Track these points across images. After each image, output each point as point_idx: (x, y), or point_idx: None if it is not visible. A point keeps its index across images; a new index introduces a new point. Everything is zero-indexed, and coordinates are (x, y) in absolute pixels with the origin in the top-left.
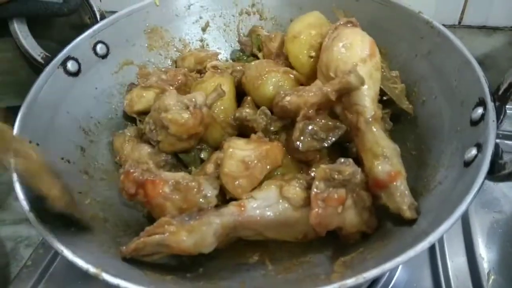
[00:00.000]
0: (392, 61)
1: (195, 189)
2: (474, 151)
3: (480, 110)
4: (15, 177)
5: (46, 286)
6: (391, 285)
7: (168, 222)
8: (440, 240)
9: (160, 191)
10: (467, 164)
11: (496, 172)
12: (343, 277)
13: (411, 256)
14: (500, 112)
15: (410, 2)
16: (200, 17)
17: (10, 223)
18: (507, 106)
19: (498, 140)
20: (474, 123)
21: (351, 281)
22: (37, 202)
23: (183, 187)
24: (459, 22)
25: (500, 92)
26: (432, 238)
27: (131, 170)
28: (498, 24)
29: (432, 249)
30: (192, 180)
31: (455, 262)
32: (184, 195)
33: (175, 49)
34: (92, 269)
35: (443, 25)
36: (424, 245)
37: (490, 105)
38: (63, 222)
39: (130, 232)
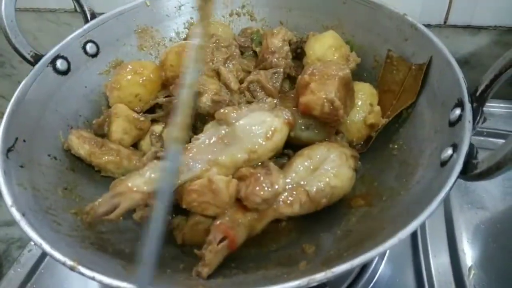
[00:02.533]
0: (378, 62)
1: None
2: (450, 151)
3: (458, 111)
4: None
5: (36, 282)
6: (374, 280)
7: (118, 180)
8: (423, 236)
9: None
10: (443, 164)
11: (468, 172)
12: (314, 272)
13: (381, 252)
14: (477, 113)
15: (396, 2)
16: (191, 18)
17: (2, 225)
18: (492, 104)
19: (482, 138)
20: (452, 123)
21: (320, 276)
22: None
23: None
24: (445, 22)
25: (478, 93)
26: (401, 235)
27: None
28: (483, 23)
29: (415, 244)
30: None
31: (438, 257)
32: None
33: (165, 49)
34: (68, 261)
35: (429, 25)
36: (393, 241)
37: (468, 106)
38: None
39: (113, 229)
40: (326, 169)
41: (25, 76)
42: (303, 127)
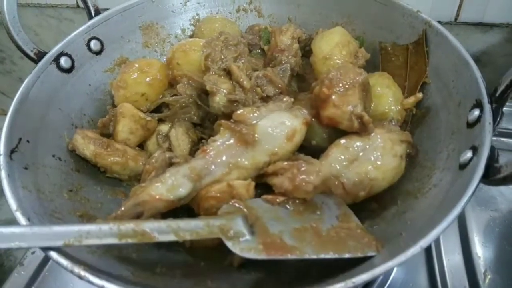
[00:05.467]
0: None
1: None
2: (469, 154)
3: (476, 112)
4: (3, 174)
5: (39, 285)
6: (387, 284)
7: (138, 187)
8: (436, 239)
9: None
10: (462, 167)
11: (491, 176)
12: (334, 281)
13: (402, 261)
14: (496, 114)
15: None
16: (197, 14)
17: (3, 223)
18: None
19: (494, 138)
20: (471, 125)
21: (340, 285)
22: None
23: None
24: (456, 19)
25: (497, 94)
26: (423, 242)
27: None
28: (495, 20)
29: (428, 247)
30: None
31: (451, 260)
32: None
33: (170, 46)
34: (77, 269)
35: (439, 21)
36: (415, 249)
37: (487, 107)
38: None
39: None
40: (366, 160)
41: (25, 73)
42: (324, 135)
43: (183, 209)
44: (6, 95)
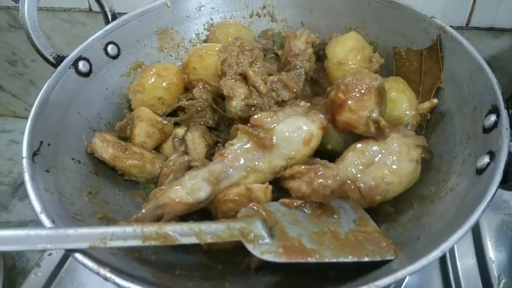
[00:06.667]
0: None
1: None
2: (486, 159)
3: (493, 118)
4: (26, 177)
5: (57, 287)
6: None
7: (158, 190)
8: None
9: None
10: (479, 172)
11: (509, 181)
12: (354, 284)
13: (424, 265)
14: None
15: (417, 3)
16: (211, 19)
17: (15, 225)
18: None
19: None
20: (487, 130)
21: None
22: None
23: None
24: (467, 24)
25: None
26: (444, 246)
27: None
28: (506, 26)
29: None
30: None
31: (465, 264)
32: None
33: (185, 50)
34: (103, 271)
35: (451, 26)
36: (436, 254)
37: (504, 112)
38: (74, 224)
39: None
40: (382, 164)
41: (37, 76)
42: (339, 140)
43: (198, 213)
44: (17, 98)
